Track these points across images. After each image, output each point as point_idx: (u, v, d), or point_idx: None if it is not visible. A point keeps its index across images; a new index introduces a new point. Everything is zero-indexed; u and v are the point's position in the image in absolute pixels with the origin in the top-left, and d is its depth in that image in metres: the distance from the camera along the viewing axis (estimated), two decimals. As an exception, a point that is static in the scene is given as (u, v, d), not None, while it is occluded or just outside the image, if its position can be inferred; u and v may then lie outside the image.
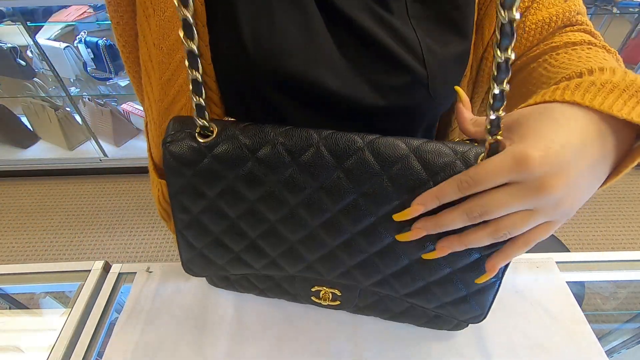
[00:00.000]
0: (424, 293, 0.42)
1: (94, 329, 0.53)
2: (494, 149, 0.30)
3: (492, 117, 0.28)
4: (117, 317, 0.53)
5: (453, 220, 0.31)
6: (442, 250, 0.34)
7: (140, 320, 0.53)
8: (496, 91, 0.27)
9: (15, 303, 0.68)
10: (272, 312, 0.53)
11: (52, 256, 1.71)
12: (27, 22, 1.54)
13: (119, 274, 0.60)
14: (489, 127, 0.29)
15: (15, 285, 0.61)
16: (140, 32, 0.41)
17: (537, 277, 0.57)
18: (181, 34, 0.29)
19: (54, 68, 1.66)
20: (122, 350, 0.50)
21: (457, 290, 0.40)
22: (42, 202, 1.97)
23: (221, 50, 0.39)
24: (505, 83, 0.27)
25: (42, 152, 2.05)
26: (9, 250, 1.74)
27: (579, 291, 0.70)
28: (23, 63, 1.78)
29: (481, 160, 0.32)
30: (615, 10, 1.60)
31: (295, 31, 0.38)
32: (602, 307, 0.94)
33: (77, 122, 2.00)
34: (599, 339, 0.50)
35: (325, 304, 0.49)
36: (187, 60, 0.31)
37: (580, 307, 0.53)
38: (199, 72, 0.32)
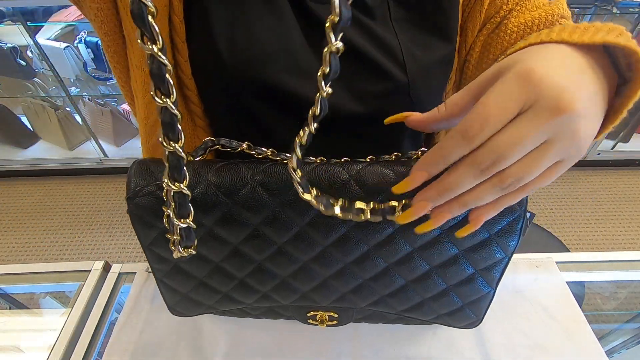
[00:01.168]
0: (420, 308, 0.41)
1: (94, 329, 0.53)
2: None
3: None
4: (117, 317, 0.53)
5: (460, 177, 0.24)
6: (438, 217, 0.27)
7: (140, 320, 0.53)
8: None
9: (15, 303, 0.68)
10: (272, 312, 0.53)
11: (52, 256, 1.71)
12: (27, 22, 1.54)
13: (119, 274, 0.60)
14: None
15: (15, 285, 0.61)
16: (127, 49, 0.41)
17: (537, 277, 0.57)
18: (152, 92, 0.25)
19: (54, 68, 1.66)
20: (122, 350, 0.50)
21: (452, 303, 0.40)
22: (42, 202, 1.97)
23: (200, 62, 0.38)
24: None
25: (42, 152, 2.05)
26: (9, 250, 1.74)
27: (579, 291, 0.70)
28: (23, 63, 1.78)
29: None
30: (615, 10, 1.60)
31: (271, 38, 0.37)
32: (602, 307, 0.94)
33: (77, 122, 2.00)
34: (599, 339, 0.50)
35: (323, 326, 0.47)
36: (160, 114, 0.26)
37: (580, 307, 0.53)
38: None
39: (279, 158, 0.35)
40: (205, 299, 0.43)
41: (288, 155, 0.35)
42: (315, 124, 0.27)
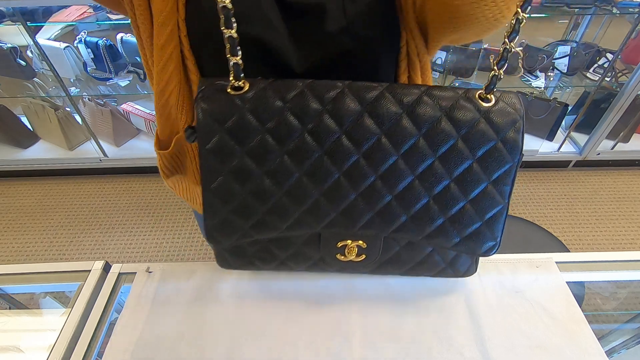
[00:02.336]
0: (443, 231, 0.44)
1: (94, 329, 0.53)
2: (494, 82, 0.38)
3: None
4: (117, 317, 0.53)
5: None
6: None
7: (141, 320, 0.53)
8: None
9: (15, 303, 0.68)
10: (273, 312, 0.53)
11: (52, 256, 1.71)
12: (27, 22, 1.54)
13: (119, 274, 0.60)
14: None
15: (15, 285, 0.61)
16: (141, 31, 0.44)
17: (537, 277, 0.57)
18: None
19: (54, 68, 1.66)
20: (122, 350, 0.50)
21: (472, 222, 0.44)
22: (42, 202, 1.97)
23: (193, 23, 0.43)
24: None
25: (42, 152, 2.05)
26: (9, 250, 1.74)
27: (579, 291, 0.70)
28: (23, 63, 1.78)
29: (478, 96, 0.40)
30: (615, 10, 1.60)
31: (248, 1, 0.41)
32: (602, 307, 0.94)
33: (77, 122, 2.00)
34: (599, 339, 0.50)
35: (351, 258, 0.48)
36: (224, 24, 0.35)
37: (580, 307, 0.53)
38: (232, 31, 0.36)
39: None
40: (243, 221, 0.44)
41: None
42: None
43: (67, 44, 1.72)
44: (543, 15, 1.65)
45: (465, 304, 0.54)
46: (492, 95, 0.40)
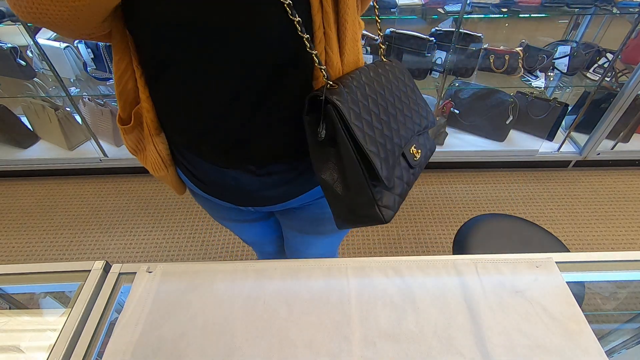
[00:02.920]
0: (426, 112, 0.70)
1: (94, 329, 0.53)
2: None
3: None
4: (117, 317, 0.53)
5: None
6: None
7: (140, 320, 0.53)
8: None
9: (15, 303, 0.68)
10: (274, 312, 0.53)
11: (52, 256, 1.71)
12: (27, 23, 1.54)
13: (119, 274, 0.60)
14: None
15: (15, 285, 0.61)
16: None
17: (537, 277, 0.57)
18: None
19: (54, 68, 1.66)
20: (122, 350, 0.50)
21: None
22: (42, 202, 1.97)
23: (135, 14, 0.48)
24: None
25: (42, 152, 2.05)
26: (9, 250, 1.74)
27: (579, 291, 0.70)
28: (23, 63, 1.78)
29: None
30: (615, 10, 1.60)
31: None
32: (602, 307, 0.94)
33: (77, 122, 2.00)
34: (599, 339, 0.50)
35: (417, 156, 0.65)
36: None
37: (580, 307, 0.53)
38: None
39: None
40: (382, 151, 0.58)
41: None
42: None
43: (67, 44, 1.72)
44: (543, 15, 1.65)
45: (465, 304, 0.54)
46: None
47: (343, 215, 0.59)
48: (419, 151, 0.66)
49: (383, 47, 0.68)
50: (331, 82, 0.53)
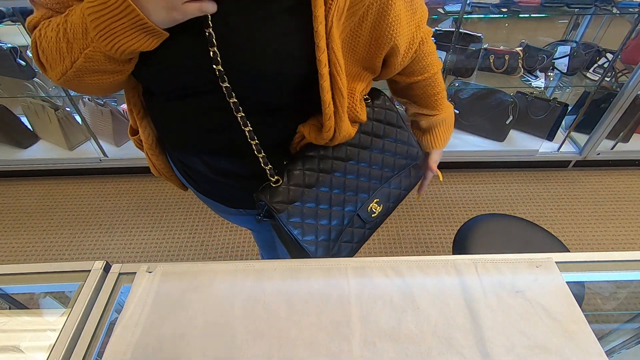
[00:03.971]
0: (399, 165, 0.76)
1: (94, 329, 0.53)
2: None
3: None
4: (117, 317, 0.53)
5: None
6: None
7: (141, 320, 0.53)
8: None
9: (15, 303, 0.68)
10: (274, 312, 0.53)
11: (52, 256, 1.71)
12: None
13: (119, 274, 0.60)
14: None
15: (15, 285, 0.61)
16: None
17: (537, 277, 0.57)
18: None
19: (54, 68, 1.66)
20: (122, 350, 0.50)
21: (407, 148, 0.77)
22: (42, 202, 1.97)
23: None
24: None
25: (42, 152, 2.05)
26: (9, 250, 1.74)
27: (579, 291, 0.70)
28: (23, 63, 1.78)
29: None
30: (615, 10, 1.60)
31: None
32: (602, 307, 0.94)
33: (77, 122, 2.00)
34: (599, 339, 0.50)
35: (377, 211, 0.73)
36: None
37: (580, 307, 0.53)
38: None
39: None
40: (319, 223, 0.66)
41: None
42: None
43: (67, 44, 1.71)
44: (543, 15, 1.65)
45: (465, 304, 0.54)
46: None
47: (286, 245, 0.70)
48: (380, 206, 0.73)
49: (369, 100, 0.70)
50: (273, 180, 0.61)
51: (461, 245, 1.07)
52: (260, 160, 0.59)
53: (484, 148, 2.03)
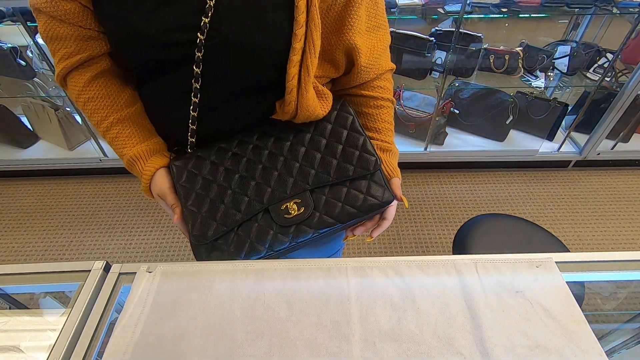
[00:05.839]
0: (340, 169, 0.65)
1: (94, 329, 0.53)
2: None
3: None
4: (117, 317, 0.53)
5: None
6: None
7: (141, 320, 0.53)
8: None
9: (15, 303, 0.68)
10: (274, 312, 0.53)
11: (52, 256, 1.72)
12: (27, 22, 1.54)
13: (119, 274, 0.60)
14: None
15: (15, 285, 0.61)
16: None
17: (537, 277, 0.57)
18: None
19: (54, 68, 1.66)
20: (122, 350, 0.50)
21: (353, 155, 0.65)
22: (42, 202, 1.97)
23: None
24: None
25: (42, 152, 2.05)
26: (9, 250, 1.74)
27: (579, 291, 0.71)
28: (23, 63, 1.78)
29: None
30: (615, 10, 1.60)
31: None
32: (602, 307, 0.94)
33: (77, 122, 2.00)
34: (599, 339, 0.50)
35: (294, 213, 0.63)
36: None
37: (580, 307, 0.53)
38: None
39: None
40: (213, 215, 0.61)
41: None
42: None
43: (67, 44, 1.71)
44: (543, 15, 1.65)
45: (465, 304, 0.54)
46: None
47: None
48: (301, 209, 0.62)
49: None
50: (189, 150, 0.63)
51: (461, 245, 1.07)
52: (189, 131, 0.61)
53: (484, 148, 2.03)
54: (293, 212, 0.63)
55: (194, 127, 0.61)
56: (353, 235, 0.69)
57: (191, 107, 0.58)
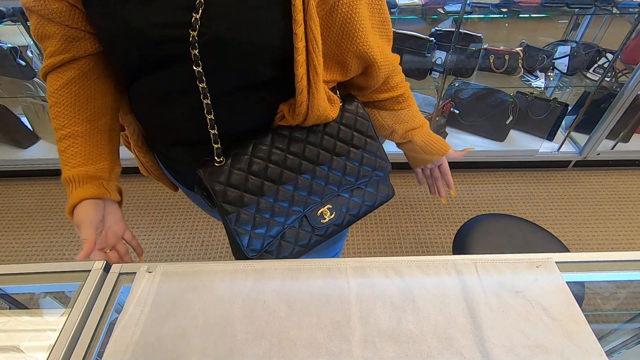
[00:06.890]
0: (362, 173, 0.72)
1: (94, 329, 0.53)
2: None
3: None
4: (117, 317, 0.53)
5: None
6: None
7: (141, 320, 0.53)
8: None
9: (15, 303, 0.68)
10: (274, 312, 0.53)
11: (52, 256, 1.71)
12: (27, 22, 1.54)
13: (119, 274, 0.60)
14: None
15: (15, 285, 0.61)
16: None
17: (537, 277, 0.57)
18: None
19: (53, 68, 1.66)
20: (122, 350, 0.50)
21: (370, 159, 0.73)
22: (42, 202, 1.97)
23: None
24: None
25: (42, 152, 2.05)
26: (9, 250, 1.74)
27: (579, 291, 0.71)
28: (23, 63, 1.78)
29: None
30: (615, 10, 1.60)
31: None
32: (602, 307, 0.94)
33: (77, 122, 2.00)
34: (599, 339, 0.50)
35: (328, 218, 0.69)
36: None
37: (580, 307, 0.53)
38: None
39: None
40: (262, 230, 0.64)
41: None
42: None
43: (67, 44, 1.72)
44: (543, 15, 1.65)
45: (466, 304, 0.54)
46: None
47: (232, 246, 0.69)
48: (333, 214, 0.69)
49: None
50: (218, 160, 0.60)
51: (461, 245, 1.07)
52: (211, 137, 0.59)
53: (484, 148, 2.03)
54: (327, 216, 0.69)
55: (215, 132, 0.59)
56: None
57: (205, 110, 0.56)
